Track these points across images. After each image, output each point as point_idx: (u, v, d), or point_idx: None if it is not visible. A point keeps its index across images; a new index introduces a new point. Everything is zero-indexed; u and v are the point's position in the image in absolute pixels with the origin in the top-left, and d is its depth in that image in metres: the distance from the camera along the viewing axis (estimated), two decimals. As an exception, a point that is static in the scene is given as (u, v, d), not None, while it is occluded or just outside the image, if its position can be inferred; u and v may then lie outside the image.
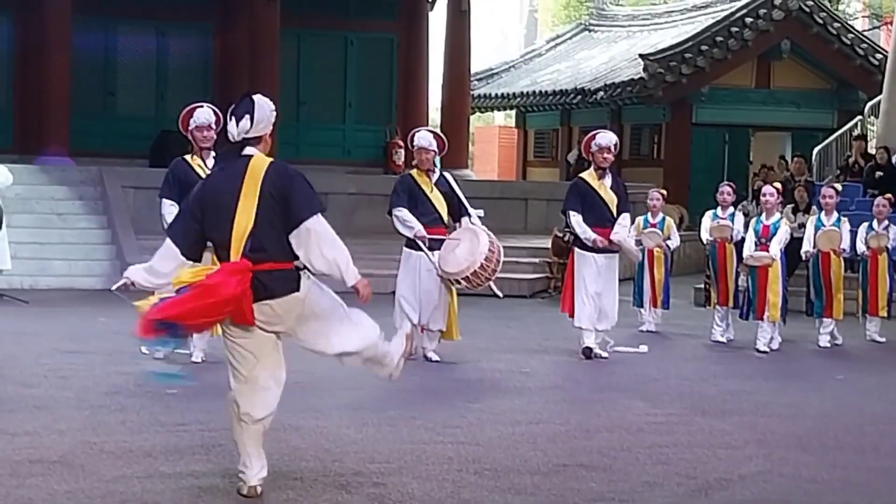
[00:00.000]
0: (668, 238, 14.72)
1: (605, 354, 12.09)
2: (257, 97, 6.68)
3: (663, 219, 14.86)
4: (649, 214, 14.90)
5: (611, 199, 11.94)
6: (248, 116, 6.60)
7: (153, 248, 9.26)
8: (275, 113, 6.75)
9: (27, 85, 22.21)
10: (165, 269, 6.48)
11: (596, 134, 12.09)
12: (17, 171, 18.68)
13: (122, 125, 22.32)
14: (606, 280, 12.03)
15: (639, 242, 14.53)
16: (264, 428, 6.76)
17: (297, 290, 6.61)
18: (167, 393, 9.32)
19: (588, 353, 11.91)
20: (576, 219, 11.91)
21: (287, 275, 6.55)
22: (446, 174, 11.75)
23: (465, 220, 11.44)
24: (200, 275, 6.33)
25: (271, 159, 6.70)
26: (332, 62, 25.47)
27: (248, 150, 6.62)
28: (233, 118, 6.61)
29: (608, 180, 12.00)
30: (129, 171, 19.00)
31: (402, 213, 11.43)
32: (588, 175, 12.09)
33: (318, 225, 6.59)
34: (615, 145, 12.09)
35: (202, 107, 10.85)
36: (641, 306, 14.71)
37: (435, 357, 11.54)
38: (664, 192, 15.34)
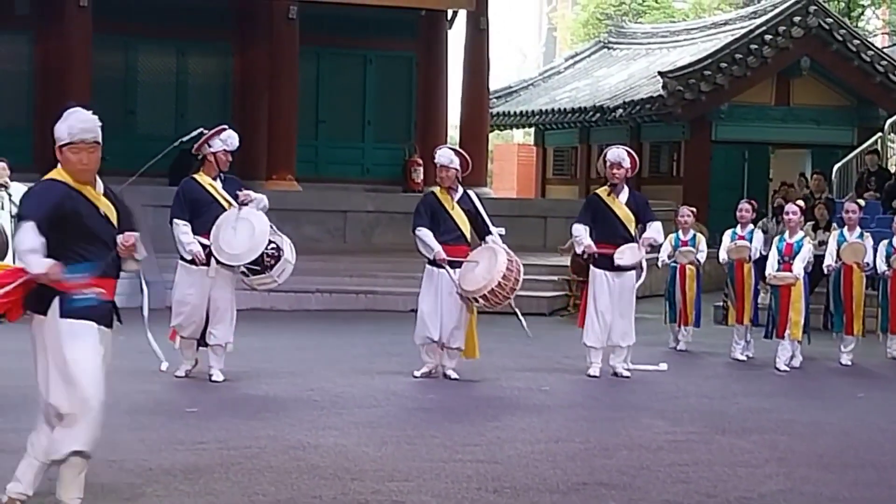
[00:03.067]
0: (697, 252, 14.67)
1: (627, 374, 12.06)
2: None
3: (694, 236, 14.79)
4: (680, 231, 14.84)
5: (625, 214, 11.94)
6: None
7: (172, 266, 9.28)
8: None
9: (48, 104, 22.28)
10: None
11: (608, 150, 12.10)
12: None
13: (142, 144, 22.39)
14: (620, 299, 11.99)
15: (671, 259, 14.55)
16: None
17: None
18: (187, 411, 9.33)
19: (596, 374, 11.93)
20: (576, 228, 11.96)
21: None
22: (470, 192, 11.74)
23: (488, 238, 11.45)
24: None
25: None
26: (351, 80, 25.52)
27: None
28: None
29: (623, 196, 12.00)
30: (148, 190, 19.06)
31: (423, 233, 11.44)
32: (601, 191, 12.15)
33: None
34: (627, 160, 12.03)
35: (230, 130, 10.94)
36: (674, 322, 14.67)
37: (454, 375, 11.53)
38: (694, 209, 15.28)
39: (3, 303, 6.27)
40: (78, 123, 6.33)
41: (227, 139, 10.93)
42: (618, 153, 12.03)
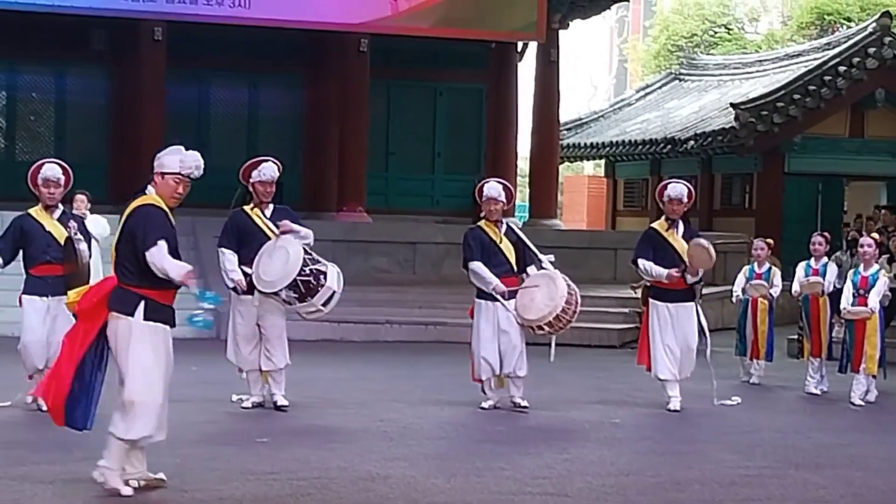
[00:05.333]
0: (771, 287, 14.52)
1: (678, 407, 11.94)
2: None
3: (769, 269, 14.65)
4: (755, 264, 14.71)
5: (682, 247, 11.89)
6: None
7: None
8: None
9: (123, 137, 22.64)
10: None
11: (668, 184, 12.11)
12: (113, 223, 18.99)
13: (215, 176, 22.44)
14: (683, 328, 11.94)
15: (744, 292, 14.43)
16: None
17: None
18: (257, 441, 9.36)
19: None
20: (644, 263, 11.88)
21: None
22: (512, 223, 11.77)
23: (531, 268, 11.43)
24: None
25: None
26: (421, 112, 25.63)
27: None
28: None
29: (680, 230, 11.99)
30: (220, 222, 19.22)
31: (478, 266, 11.45)
32: (658, 224, 12.15)
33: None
34: (687, 196, 12.01)
35: (268, 161, 11.05)
36: (744, 355, 14.53)
37: (523, 402, 11.49)
38: (770, 241, 15.11)
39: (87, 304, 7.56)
40: (191, 161, 7.67)
41: (262, 171, 11.04)
42: (680, 189, 11.98)
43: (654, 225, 12.24)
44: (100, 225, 15.56)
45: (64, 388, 7.53)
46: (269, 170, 11.05)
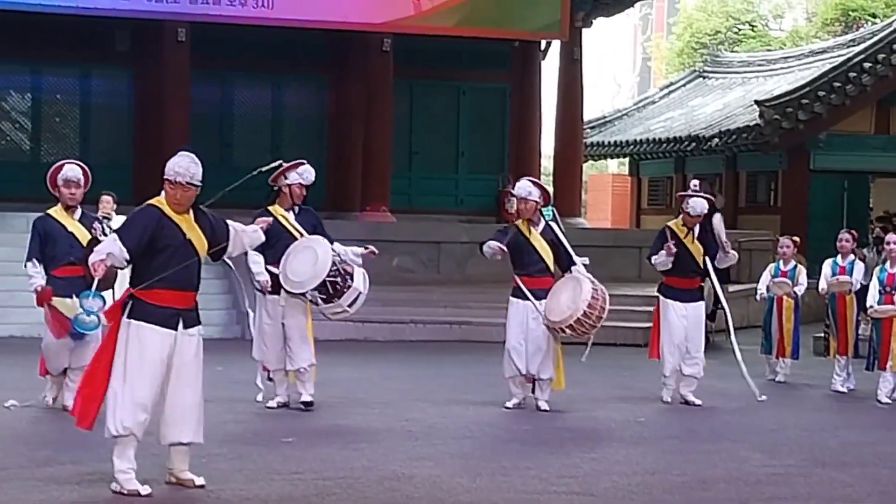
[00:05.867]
0: (796, 284, 14.47)
1: (698, 402, 12.07)
2: None
3: (794, 266, 14.59)
4: (781, 262, 14.66)
5: (697, 249, 12.16)
6: None
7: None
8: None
9: (147, 138, 22.69)
10: None
11: (689, 198, 12.20)
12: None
13: (239, 177, 22.58)
14: (692, 326, 12.14)
15: (768, 290, 14.40)
16: None
17: None
18: (282, 441, 9.38)
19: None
20: (655, 258, 12.15)
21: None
22: (552, 224, 11.73)
23: (573, 268, 11.43)
24: None
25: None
26: (444, 112, 25.62)
27: None
28: None
29: (695, 232, 12.23)
30: (243, 222, 19.29)
31: (489, 244, 11.45)
32: (675, 225, 12.27)
33: None
34: (706, 210, 12.19)
35: (306, 163, 11.08)
36: (770, 353, 14.49)
37: (545, 406, 11.48)
38: (796, 238, 15.06)
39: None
40: (179, 167, 7.77)
41: (304, 173, 11.07)
42: (702, 205, 12.11)
43: (672, 224, 12.34)
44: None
45: (97, 392, 7.65)
46: (310, 173, 11.12)
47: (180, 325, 7.68)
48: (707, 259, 12.21)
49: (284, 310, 10.98)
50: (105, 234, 10.68)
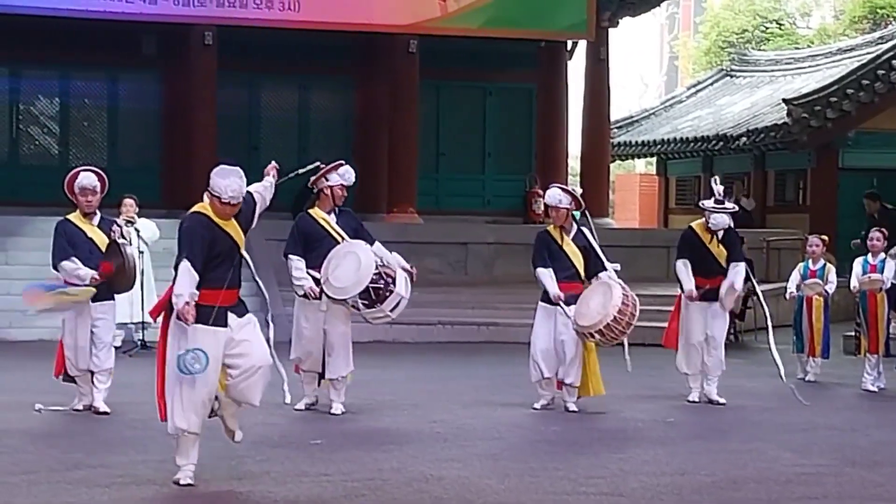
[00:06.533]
0: (826, 283, 14.41)
1: (722, 401, 12.05)
2: None
3: (824, 265, 14.52)
4: (810, 261, 14.60)
5: (719, 252, 12.19)
6: None
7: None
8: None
9: (175, 141, 22.77)
10: None
11: (712, 214, 12.20)
12: (166, 226, 19.09)
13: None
14: (712, 326, 12.18)
15: (798, 289, 14.34)
16: None
17: None
18: (311, 443, 9.39)
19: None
20: (680, 270, 12.27)
21: None
22: (584, 230, 11.71)
23: (602, 274, 11.39)
24: None
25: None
26: (470, 113, 25.59)
27: None
28: None
29: (719, 234, 12.25)
30: (272, 224, 19.27)
31: (541, 273, 11.47)
32: (698, 226, 12.29)
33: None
34: (730, 223, 12.25)
35: (344, 163, 11.05)
36: (801, 352, 14.44)
37: (573, 408, 11.47)
38: (825, 237, 15.00)
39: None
40: (222, 188, 8.11)
41: (345, 174, 11.06)
42: (724, 221, 12.15)
43: (694, 226, 12.41)
44: (149, 229, 15.71)
45: (161, 389, 8.08)
46: (351, 174, 11.13)
47: (230, 319, 8.05)
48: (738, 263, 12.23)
49: (326, 316, 10.95)
50: (123, 237, 10.83)
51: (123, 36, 22.37)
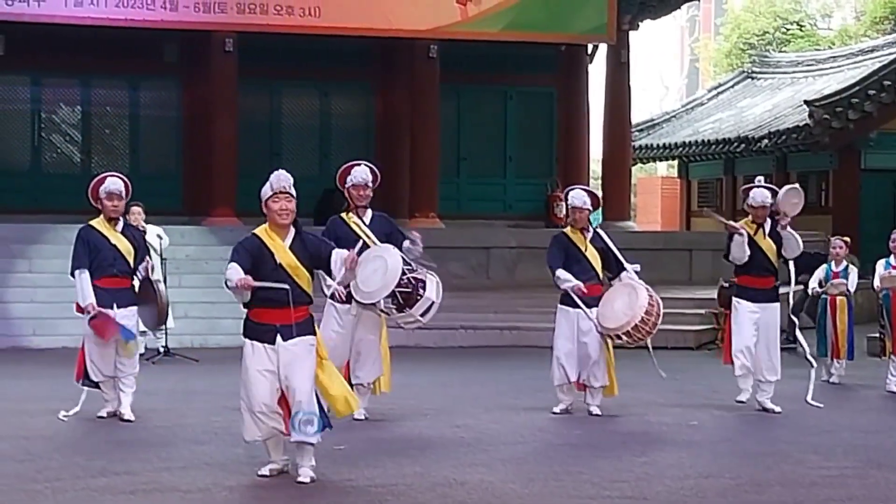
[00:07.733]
0: (849, 285, 14.35)
1: (777, 409, 11.84)
2: None
3: (846, 267, 14.48)
4: (833, 263, 14.56)
5: (769, 247, 11.99)
6: None
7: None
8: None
9: (196, 148, 22.83)
10: None
11: (751, 188, 12.10)
12: (187, 233, 19.20)
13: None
14: (764, 329, 11.90)
15: (820, 285, 14.29)
16: None
17: None
18: (335, 449, 9.39)
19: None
20: (732, 252, 11.93)
21: None
22: (600, 231, 11.69)
23: (623, 275, 11.36)
24: None
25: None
26: (491, 117, 25.60)
27: None
28: None
29: (766, 228, 12.04)
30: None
31: (561, 274, 11.41)
32: (745, 222, 12.13)
33: None
34: (769, 202, 12.04)
35: (360, 165, 11.03)
36: (826, 356, 14.38)
37: (597, 411, 11.44)
38: (847, 239, 14.96)
39: None
40: (273, 181, 8.48)
41: (353, 175, 11.01)
42: (762, 194, 12.00)
43: (743, 222, 12.21)
44: (155, 236, 15.74)
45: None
46: (360, 173, 11.01)
47: (278, 340, 8.29)
48: (790, 262, 12.11)
49: (357, 321, 10.95)
50: (152, 274, 11.12)
51: (144, 43, 22.47)
